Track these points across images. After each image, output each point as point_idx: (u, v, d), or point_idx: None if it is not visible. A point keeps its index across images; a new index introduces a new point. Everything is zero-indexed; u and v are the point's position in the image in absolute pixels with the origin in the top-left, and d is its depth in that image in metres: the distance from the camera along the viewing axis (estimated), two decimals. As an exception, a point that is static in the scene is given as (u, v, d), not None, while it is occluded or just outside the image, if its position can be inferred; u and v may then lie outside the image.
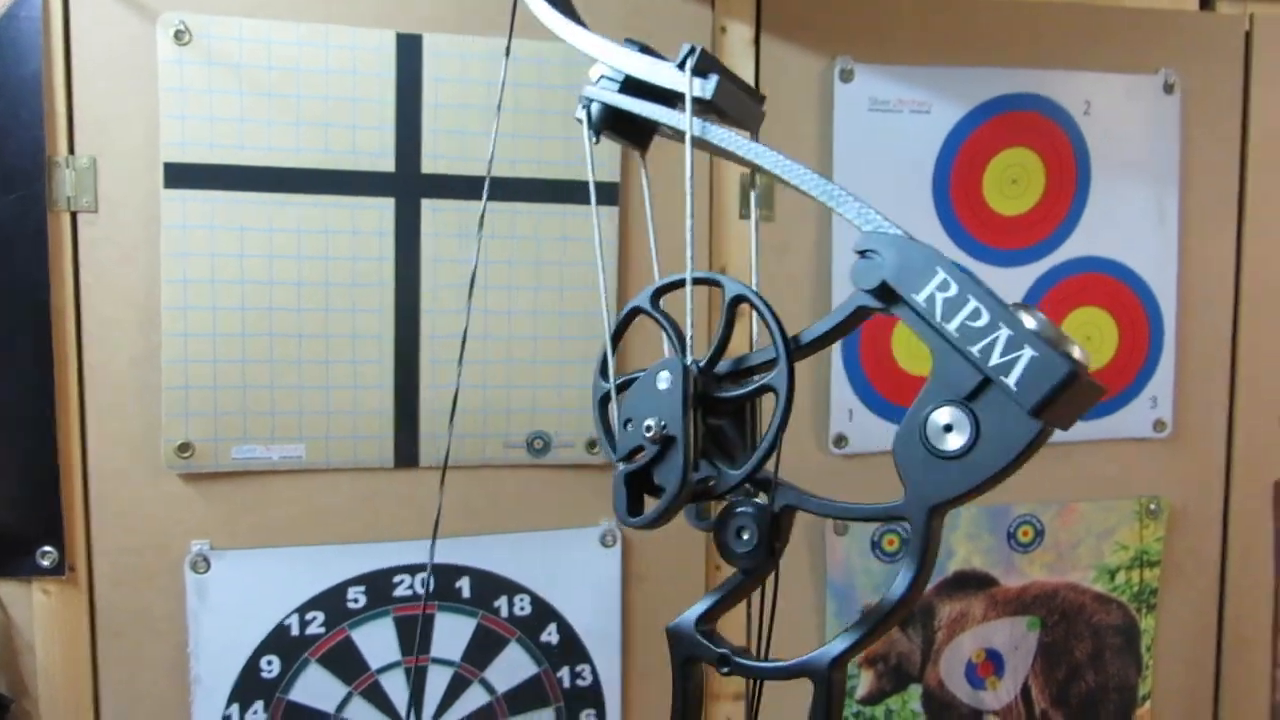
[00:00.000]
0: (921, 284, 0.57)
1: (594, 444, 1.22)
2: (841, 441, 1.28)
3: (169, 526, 1.13)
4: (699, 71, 0.65)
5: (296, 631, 1.16)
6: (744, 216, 1.25)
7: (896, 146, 1.27)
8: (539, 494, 1.22)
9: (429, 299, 1.16)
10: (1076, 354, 0.54)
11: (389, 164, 1.14)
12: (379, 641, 1.19)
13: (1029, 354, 0.54)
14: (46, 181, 1.07)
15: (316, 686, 1.17)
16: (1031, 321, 0.55)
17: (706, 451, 0.65)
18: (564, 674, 1.24)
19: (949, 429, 0.57)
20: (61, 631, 1.12)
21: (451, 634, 1.21)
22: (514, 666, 1.23)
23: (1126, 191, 1.34)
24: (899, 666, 1.34)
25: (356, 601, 1.18)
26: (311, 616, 1.17)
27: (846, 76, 1.25)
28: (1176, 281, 1.37)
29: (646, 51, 0.69)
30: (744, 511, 0.64)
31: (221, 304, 1.11)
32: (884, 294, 0.59)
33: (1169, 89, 1.34)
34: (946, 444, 0.57)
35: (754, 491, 0.67)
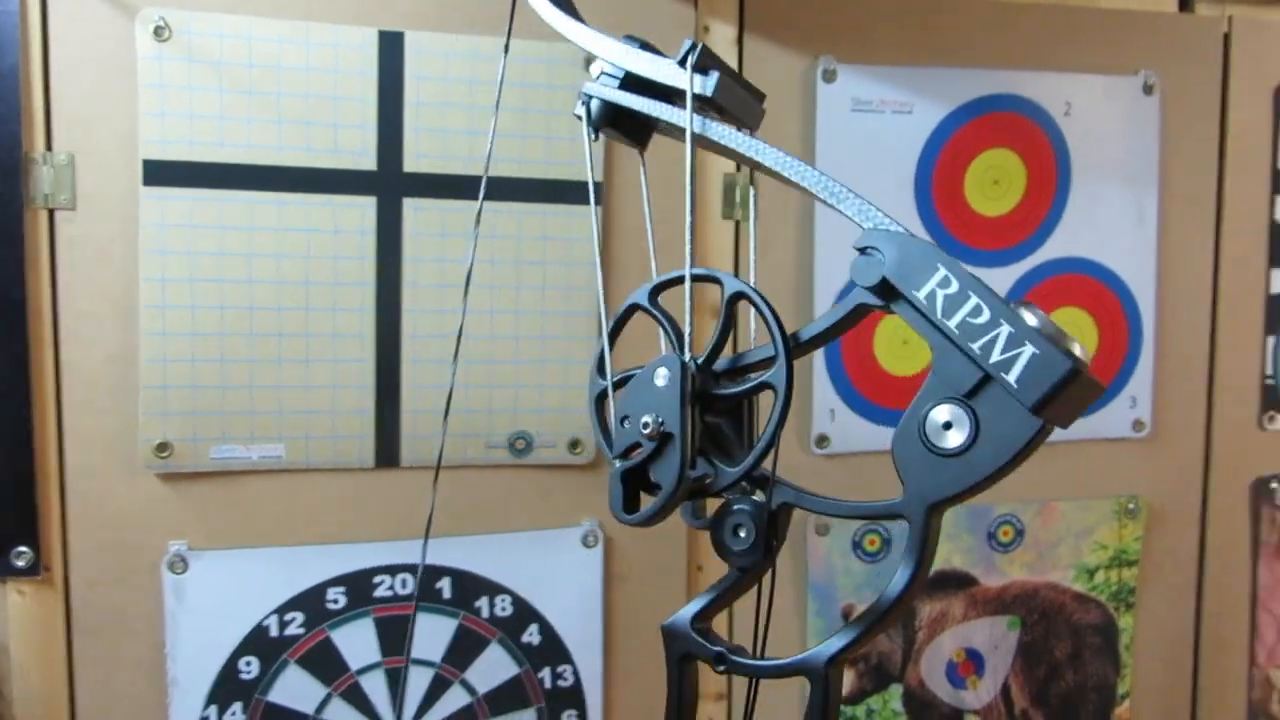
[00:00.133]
0: (922, 280, 0.57)
1: (576, 444, 1.21)
2: (823, 441, 1.28)
3: (146, 527, 1.12)
4: (700, 68, 0.65)
5: (275, 632, 1.15)
6: (726, 216, 1.25)
7: (879, 147, 1.27)
8: (520, 494, 1.22)
9: (410, 298, 1.16)
10: (1077, 351, 0.54)
11: (370, 162, 1.13)
12: (359, 642, 1.18)
13: (1030, 351, 0.54)
14: (24, 178, 1.05)
15: (296, 687, 1.16)
16: (1032, 319, 0.54)
17: (703, 449, 0.65)
18: (545, 674, 1.23)
19: (948, 426, 0.56)
20: (37, 632, 1.11)
21: (432, 635, 1.20)
22: (495, 667, 1.22)
23: (1106, 192, 1.34)
24: (880, 666, 1.34)
25: (336, 602, 1.17)
26: (291, 617, 1.16)
27: (829, 77, 1.25)
28: (1155, 282, 1.38)
29: (647, 48, 0.68)
30: (741, 509, 0.64)
31: (201, 303, 1.10)
32: (884, 291, 0.59)
33: (1148, 90, 1.35)
34: (946, 441, 0.56)
35: (750, 489, 0.66)
